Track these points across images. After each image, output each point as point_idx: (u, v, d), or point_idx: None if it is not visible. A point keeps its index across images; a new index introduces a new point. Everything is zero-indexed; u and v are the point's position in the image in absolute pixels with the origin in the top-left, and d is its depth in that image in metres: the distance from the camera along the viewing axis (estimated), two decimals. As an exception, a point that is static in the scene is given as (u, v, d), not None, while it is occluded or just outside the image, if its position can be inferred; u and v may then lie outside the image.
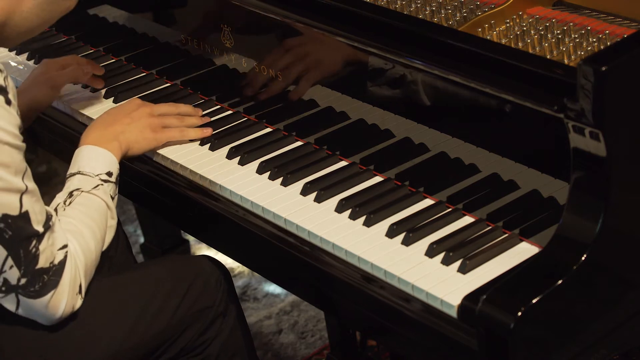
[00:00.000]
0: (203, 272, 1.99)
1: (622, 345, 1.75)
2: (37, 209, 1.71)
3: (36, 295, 1.73)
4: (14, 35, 1.88)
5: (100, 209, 1.89)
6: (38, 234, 1.71)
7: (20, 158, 1.69)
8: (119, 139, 2.01)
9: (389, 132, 1.97)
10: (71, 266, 1.76)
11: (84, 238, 1.81)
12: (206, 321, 1.98)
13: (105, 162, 1.96)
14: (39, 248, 1.71)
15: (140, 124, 2.05)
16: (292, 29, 2.04)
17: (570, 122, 1.61)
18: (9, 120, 1.67)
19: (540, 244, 1.70)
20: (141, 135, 2.05)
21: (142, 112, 2.07)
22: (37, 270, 1.71)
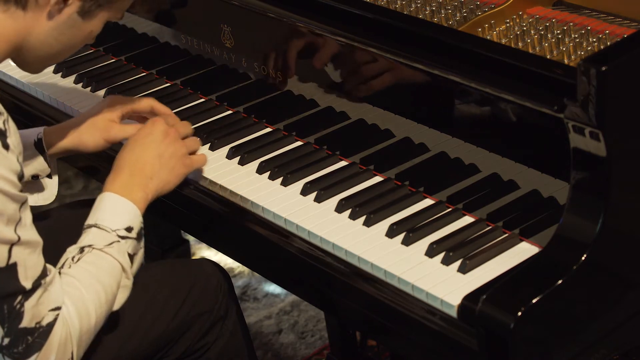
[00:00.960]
0: (203, 276, 1.99)
1: (622, 345, 1.75)
2: (30, 264, 1.59)
3: (20, 357, 1.60)
4: (33, 60, 1.78)
5: (112, 270, 1.74)
6: (25, 291, 1.58)
7: (14, 207, 1.56)
8: (146, 189, 1.84)
9: (389, 132, 1.97)
10: (61, 331, 1.62)
11: (83, 302, 1.67)
12: (206, 325, 1.97)
13: (125, 215, 1.79)
14: (24, 305, 1.58)
15: (171, 164, 1.88)
16: (292, 29, 2.04)
17: (570, 122, 1.61)
18: (5, 166, 1.55)
19: (540, 244, 1.70)
20: (172, 174, 1.89)
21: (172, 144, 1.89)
22: (20, 329, 1.59)
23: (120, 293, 1.76)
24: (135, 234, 1.79)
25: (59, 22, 1.73)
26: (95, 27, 1.78)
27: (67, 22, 1.73)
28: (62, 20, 1.73)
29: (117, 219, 1.78)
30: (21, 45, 1.73)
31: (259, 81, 2.18)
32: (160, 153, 1.87)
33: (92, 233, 1.77)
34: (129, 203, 1.80)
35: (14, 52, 1.74)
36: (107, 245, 1.75)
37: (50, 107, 2.35)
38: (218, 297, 1.99)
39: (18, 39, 1.72)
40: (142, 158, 1.86)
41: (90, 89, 2.37)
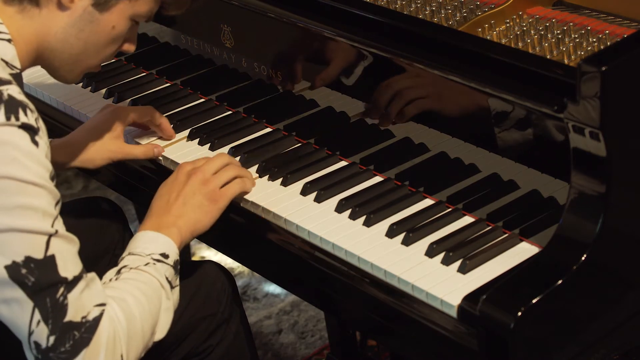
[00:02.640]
0: (208, 279, 1.99)
1: (622, 345, 1.75)
2: (69, 257, 1.58)
3: (68, 357, 1.56)
4: (59, 63, 1.77)
5: (151, 284, 1.71)
6: (66, 281, 1.56)
7: (49, 202, 1.56)
8: (177, 225, 1.82)
9: (389, 132, 1.97)
10: (109, 326, 1.59)
11: (127, 304, 1.64)
12: (210, 327, 1.97)
13: (158, 244, 1.78)
14: (67, 297, 1.56)
15: (196, 201, 1.85)
16: (292, 29, 2.04)
17: (570, 122, 1.61)
18: (36, 161, 1.56)
19: (540, 244, 1.70)
20: (201, 212, 1.85)
21: (194, 184, 1.87)
22: (65, 323, 1.56)
23: (164, 316, 1.73)
24: (172, 262, 1.77)
25: (75, 17, 1.72)
26: (117, 23, 1.76)
27: (83, 16, 1.73)
28: (78, 14, 1.73)
29: (150, 246, 1.77)
30: (43, 47, 1.74)
31: (259, 81, 2.18)
32: (182, 194, 1.85)
33: (127, 259, 1.76)
34: (161, 235, 1.79)
35: (37, 55, 1.74)
36: (143, 265, 1.74)
37: (50, 107, 2.35)
38: (222, 300, 1.98)
39: (38, 40, 1.72)
40: (168, 202, 1.85)
41: (91, 89, 2.37)
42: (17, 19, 1.70)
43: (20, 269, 1.54)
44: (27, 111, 1.58)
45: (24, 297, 1.55)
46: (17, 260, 1.54)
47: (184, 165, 1.91)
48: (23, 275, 1.54)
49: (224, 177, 1.89)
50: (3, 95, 1.57)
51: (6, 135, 1.55)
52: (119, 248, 2.22)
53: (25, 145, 1.56)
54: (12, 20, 1.70)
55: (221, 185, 1.89)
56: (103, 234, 2.21)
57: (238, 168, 1.94)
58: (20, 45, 1.70)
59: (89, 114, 2.27)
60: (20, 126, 1.56)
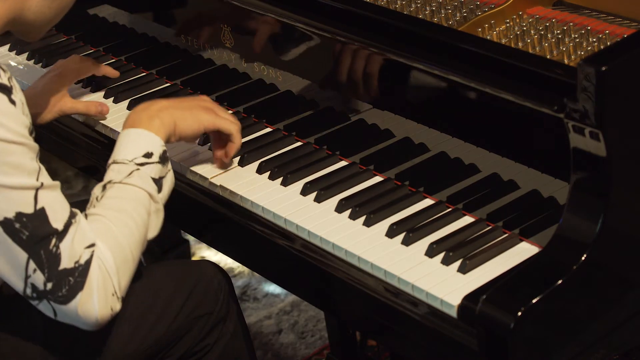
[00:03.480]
0: (204, 278, 1.99)
1: (622, 345, 1.75)
2: (57, 206, 1.65)
3: (65, 300, 1.65)
4: (30, 30, 1.86)
5: (136, 198, 1.77)
6: (57, 232, 1.64)
7: (31, 157, 1.64)
8: (160, 116, 1.85)
9: (389, 132, 1.97)
10: (98, 267, 1.67)
11: (113, 235, 1.71)
12: (207, 326, 1.97)
13: (142, 142, 1.82)
14: (60, 247, 1.64)
15: (189, 104, 1.91)
16: (292, 29, 2.04)
17: (570, 122, 1.61)
18: (15, 119, 1.62)
19: (540, 244, 1.70)
20: (189, 112, 1.89)
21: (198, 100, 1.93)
22: (60, 271, 1.63)
23: (154, 218, 1.79)
24: (157, 157, 1.81)
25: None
26: None
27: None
28: None
29: (133, 149, 1.81)
30: (15, 21, 1.80)
31: (259, 81, 2.18)
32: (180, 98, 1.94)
33: (111, 169, 1.80)
34: (142, 131, 1.83)
35: (8, 26, 1.81)
36: (126, 177, 1.78)
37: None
38: (219, 299, 1.99)
39: (13, 15, 1.79)
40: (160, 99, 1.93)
41: (91, 89, 2.37)
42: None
43: (13, 224, 1.61)
44: (0, 71, 1.63)
45: (19, 249, 1.62)
46: (9, 216, 1.61)
47: None
48: (17, 229, 1.61)
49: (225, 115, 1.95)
50: None
51: None
52: None
53: (3, 106, 1.61)
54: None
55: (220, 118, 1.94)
56: None
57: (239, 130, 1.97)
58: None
59: (89, 114, 2.27)
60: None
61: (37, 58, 2.53)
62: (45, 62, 2.48)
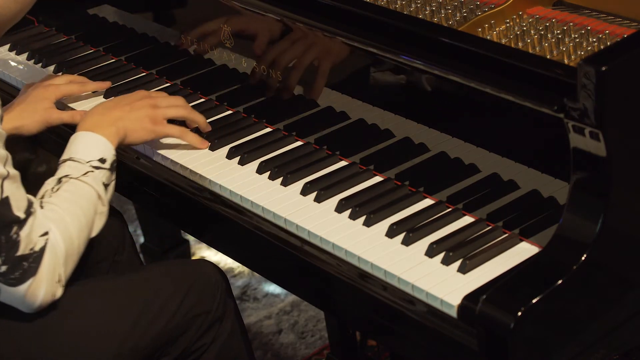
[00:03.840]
0: (201, 277, 1.99)
1: (622, 345, 1.75)
2: (19, 195, 1.71)
3: (16, 282, 1.72)
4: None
5: (88, 196, 1.85)
6: (19, 220, 1.70)
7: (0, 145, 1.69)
8: (116, 125, 1.96)
9: (389, 132, 1.97)
10: (50, 254, 1.74)
11: (65, 225, 1.78)
12: (204, 325, 1.97)
13: (98, 148, 1.92)
14: (20, 234, 1.70)
15: (140, 114, 2.00)
16: (292, 29, 2.04)
17: (570, 122, 1.61)
18: None
19: (540, 244, 1.70)
20: (140, 125, 2.00)
21: (145, 103, 2.03)
22: (17, 257, 1.70)
23: (98, 220, 1.87)
24: (109, 165, 1.91)
25: None
26: None
27: None
28: None
29: (90, 152, 1.90)
30: None
31: (259, 81, 2.18)
32: (130, 103, 2.01)
33: (68, 166, 1.88)
34: (100, 137, 1.92)
35: None
36: (82, 175, 1.86)
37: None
38: (216, 298, 1.98)
39: None
40: (113, 103, 2.01)
41: (90, 88, 2.37)
42: None
43: None
44: None
45: None
46: None
47: (142, 90, 2.10)
48: None
49: (171, 112, 2.06)
50: None
51: None
52: (118, 253, 2.23)
53: None
54: None
55: (166, 118, 2.04)
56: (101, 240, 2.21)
57: (188, 110, 2.09)
58: None
59: (89, 114, 2.27)
60: None
61: (37, 58, 2.53)
62: (45, 62, 2.48)
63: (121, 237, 2.25)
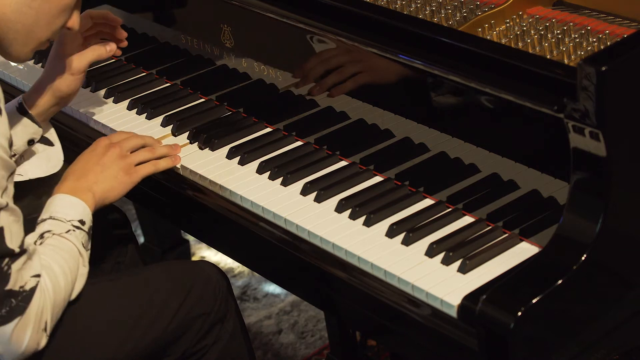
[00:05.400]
0: (202, 278, 1.98)
1: (622, 345, 1.75)
2: (14, 230, 1.65)
3: (2, 321, 1.65)
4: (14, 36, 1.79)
5: (72, 252, 1.80)
6: (12, 253, 1.64)
7: (2, 174, 1.63)
8: (92, 190, 1.91)
9: (389, 132, 1.97)
10: (40, 298, 1.68)
11: (54, 274, 1.73)
12: (205, 326, 1.97)
13: (77, 210, 1.87)
14: (12, 267, 1.64)
15: (113, 171, 1.95)
16: (292, 29, 2.04)
17: (570, 122, 1.61)
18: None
19: (540, 244, 1.70)
20: (116, 181, 1.95)
21: (112, 156, 1.97)
22: (5, 291, 1.64)
23: (78, 281, 1.81)
24: (87, 228, 1.87)
25: None
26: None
27: None
28: None
29: (69, 212, 1.86)
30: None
31: (259, 81, 2.18)
32: (101, 163, 1.95)
33: (49, 223, 1.83)
34: (79, 201, 1.88)
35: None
36: (65, 232, 1.82)
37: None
38: (217, 299, 1.98)
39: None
40: (85, 167, 1.95)
41: (90, 89, 2.37)
42: None
43: None
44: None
45: None
46: None
47: (101, 139, 2.01)
48: None
49: (139, 157, 2.01)
50: None
51: None
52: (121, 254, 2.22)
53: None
54: None
55: (136, 163, 2.00)
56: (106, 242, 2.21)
57: (151, 151, 2.03)
58: None
59: (89, 114, 2.27)
60: None
61: (37, 58, 2.53)
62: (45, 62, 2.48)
63: (124, 237, 2.25)
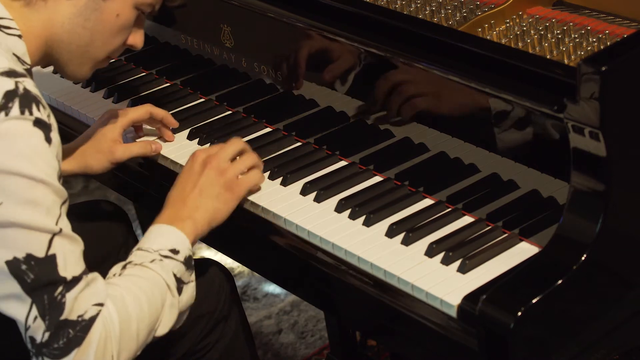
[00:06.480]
0: (205, 277, 1.98)
1: (622, 345, 1.75)
2: (70, 259, 1.57)
3: (60, 354, 1.56)
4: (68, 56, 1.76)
5: (154, 281, 1.69)
6: (65, 281, 1.56)
7: (54, 200, 1.56)
8: (193, 217, 1.80)
9: (389, 132, 1.97)
10: (101, 326, 1.59)
11: (124, 304, 1.63)
12: (208, 325, 1.97)
13: (170, 239, 1.76)
14: (66, 296, 1.56)
15: (213, 191, 1.84)
16: (292, 29, 2.04)
17: (570, 122, 1.61)
18: (46, 159, 1.55)
19: (540, 243, 1.70)
20: (219, 202, 1.84)
21: (210, 175, 1.85)
22: (61, 321, 1.56)
23: (168, 311, 1.71)
24: (183, 257, 1.75)
25: (79, 6, 1.72)
26: (121, 11, 1.75)
27: (87, 4, 1.73)
28: (83, 3, 1.72)
29: (159, 241, 1.75)
30: (52, 40, 1.73)
31: (259, 81, 2.18)
32: (198, 184, 1.84)
33: (134, 255, 1.74)
34: (173, 229, 1.77)
35: (47, 49, 1.74)
36: (148, 262, 1.72)
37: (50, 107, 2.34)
38: (221, 298, 1.98)
39: (47, 33, 1.72)
40: (183, 193, 1.84)
41: (90, 89, 2.37)
42: (25, 12, 1.70)
43: (20, 265, 1.54)
44: (40, 107, 1.58)
45: (22, 292, 1.55)
46: (18, 256, 1.54)
47: (198, 154, 1.89)
48: (22, 271, 1.54)
49: (240, 167, 1.89)
50: (19, 88, 1.56)
51: (20, 129, 1.55)
52: (122, 252, 2.22)
53: (37, 143, 1.55)
54: (20, 14, 1.70)
55: (238, 174, 1.88)
56: (106, 238, 2.21)
57: (253, 156, 1.93)
58: (30, 40, 1.70)
59: (89, 114, 2.27)
60: (34, 122, 1.56)
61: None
62: None
63: (126, 235, 2.25)
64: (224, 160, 1.87)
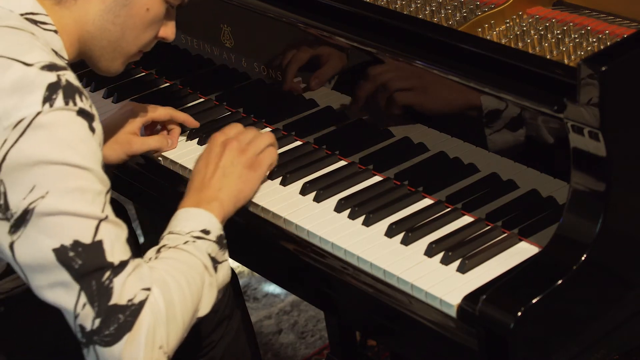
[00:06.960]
0: None
1: (622, 345, 1.75)
2: (117, 244, 1.58)
3: (112, 340, 1.55)
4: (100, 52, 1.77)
5: (191, 263, 1.68)
6: (113, 266, 1.56)
7: (100, 188, 1.58)
8: (219, 198, 1.81)
9: (388, 132, 1.97)
10: (151, 310, 1.58)
11: (168, 288, 1.62)
12: (212, 323, 1.97)
13: (199, 221, 1.76)
14: (113, 281, 1.56)
15: (236, 171, 1.86)
16: (292, 29, 2.04)
17: (570, 122, 1.60)
18: (90, 148, 1.57)
19: (540, 243, 1.70)
20: (242, 182, 1.86)
21: (231, 155, 1.87)
22: (110, 306, 1.55)
23: (207, 291, 1.70)
24: (215, 237, 1.75)
25: (109, 2, 1.73)
26: (151, 5, 1.76)
27: (117, 0, 1.73)
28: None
29: (190, 224, 1.75)
30: (84, 38, 1.74)
31: (259, 81, 2.18)
32: (221, 165, 1.86)
33: (166, 238, 1.74)
34: (201, 211, 1.78)
35: (80, 46, 1.75)
36: (181, 244, 1.71)
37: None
38: (224, 297, 1.99)
39: (78, 30, 1.73)
40: (206, 175, 1.85)
41: (90, 88, 2.37)
42: (56, 10, 1.71)
43: (67, 252, 1.54)
44: (83, 97, 1.60)
45: (70, 280, 1.55)
46: (65, 244, 1.54)
47: (216, 136, 1.91)
48: (70, 258, 1.54)
49: (261, 145, 1.91)
50: (61, 80, 1.58)
51: (64, 119, 1.56)
52: None
53: (82, 132, 1.57)
54: (53, 12, 1.71)
55: (258, 153, 1.90)
56: None
57: (268, 134, 1.95)
58: (64, 36, 1.72)
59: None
60: (78, 112, 1.57)
61: None
62: None
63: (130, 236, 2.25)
64: (244, 141, 1.90)
